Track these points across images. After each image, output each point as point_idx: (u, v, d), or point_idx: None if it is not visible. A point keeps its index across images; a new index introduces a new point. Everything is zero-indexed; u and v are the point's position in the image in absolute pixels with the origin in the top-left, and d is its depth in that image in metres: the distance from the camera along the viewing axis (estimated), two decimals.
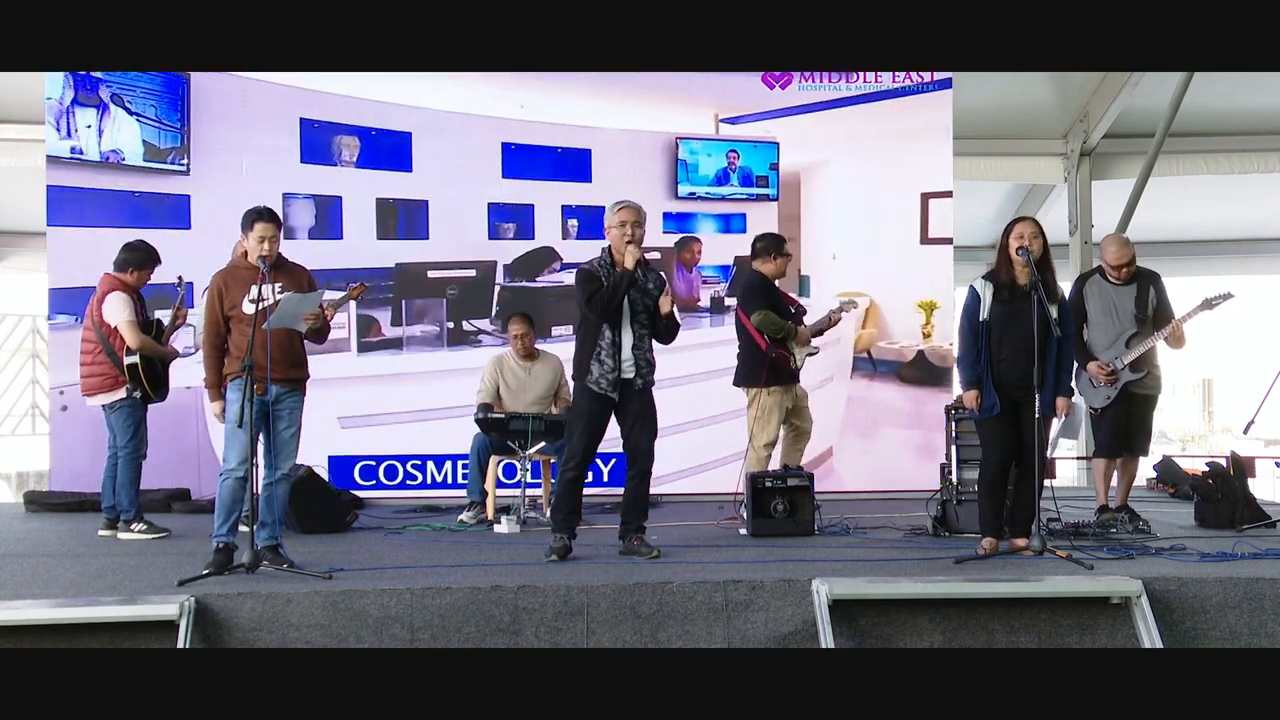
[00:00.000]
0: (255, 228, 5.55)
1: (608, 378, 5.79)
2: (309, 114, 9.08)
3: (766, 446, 7.01)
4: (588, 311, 5.85)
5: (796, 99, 9.40)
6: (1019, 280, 5.69)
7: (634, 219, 5.84)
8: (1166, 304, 6.74)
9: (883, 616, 4.90)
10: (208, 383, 5.70)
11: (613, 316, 5.79)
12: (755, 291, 7.10)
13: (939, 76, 9.37)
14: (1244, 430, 7.37)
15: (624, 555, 5.81)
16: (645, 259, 5.89)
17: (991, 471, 5.81)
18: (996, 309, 5.71)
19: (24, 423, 12.82)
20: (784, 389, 7.02)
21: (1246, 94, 9.98)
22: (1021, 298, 5.65)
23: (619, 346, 5.80)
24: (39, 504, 8.50)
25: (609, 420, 5.92)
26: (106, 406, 6.86)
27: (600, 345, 5.80)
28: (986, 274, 5.84)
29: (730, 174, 9.51)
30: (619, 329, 5.81)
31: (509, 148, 9.30)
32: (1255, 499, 7.00)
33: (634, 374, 5.84)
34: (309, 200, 9.07)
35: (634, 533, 5.88)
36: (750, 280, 7.24)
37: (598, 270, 5.87)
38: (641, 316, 5.87)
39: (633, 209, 5.89)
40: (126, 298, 6.80)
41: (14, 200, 10.82)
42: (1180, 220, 12.32)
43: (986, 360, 5.69)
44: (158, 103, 8.99)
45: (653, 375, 5.94)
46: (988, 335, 5.71)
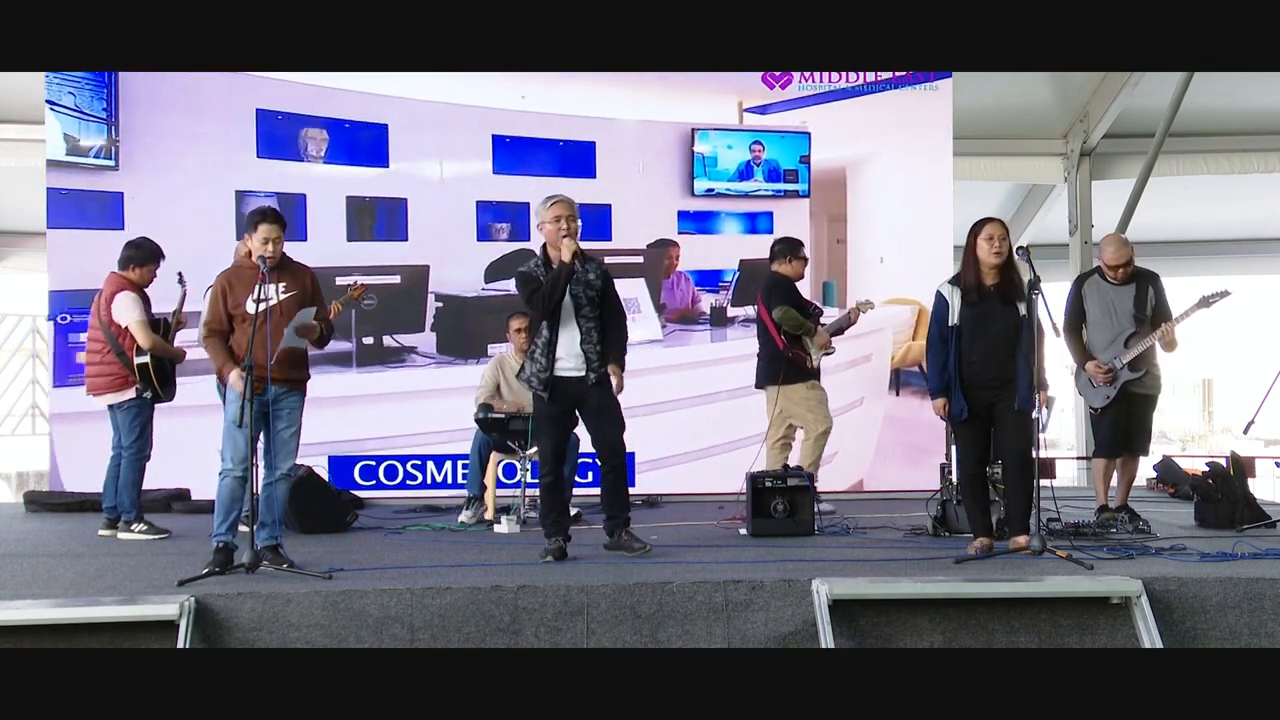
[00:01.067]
0: (259, 229, 5.56)
1: (539, 376, 5.77)
2: (267, 104, 8.53)
3: (822, 435, 7.36)
4: (531, 311, 5.89)
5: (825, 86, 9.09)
6: (986, 281, 5.70)
7: (568, 213, 5.82)
8: (1165, 304, 6.75)
9: (883, 616, 4.90)
10: (214, 366, 5.62)
11: (554, 313, 5.76)
12: (778, 289, 7.40)
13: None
14: (1244, 430, 7.37)
15: (612, 550, 5.80)
16: (582, 251, 5.86)
17: (968, 474, 5.84)
18: (965, 312, 5.71)
19: (24, 423, 12.83)
20: (813, 383, 7.40)
21: (1246, 94, 9.99)
22: (989, 299, 5.68)
23: (553, 344, 5.77)
24: (39, 504, 8.51)
25: (571, 418, 5.91)
26: (113, 406, 6.86)
27: (535, 343, 5.81)
28: (952, 278, 5.86)
29: (754, 168, 9.14)
30: (556, 327, 5.78)
31: (501, 141, 8.79)
32: (1255, 499, 7.00)
33: (585, 369, 5.78)
34: (270, 198, 8.50)
35: (621, 527, 5.87)
36: (771, 279, 7.49)
37: (535, 271, 5.84)
38: (586, 310, 5.81)
39: (566, 203, 5.87)
40: (136, 297, 6.80)
41: (14, 200, 10.83)
42: (1180, 220, 12.33)
43: (955, 365, 5.70)
44: (77, 91, 8.41)
45: (606, 364, 5.84)
46: (958, 339, 5.71)
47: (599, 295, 5.85)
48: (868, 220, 9.37)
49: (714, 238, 9.33)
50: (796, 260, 7.49)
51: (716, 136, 9.18)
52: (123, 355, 6.77)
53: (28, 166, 9.60)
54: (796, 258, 7.49)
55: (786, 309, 7.30)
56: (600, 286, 5.86)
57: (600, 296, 5.86)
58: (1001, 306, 5.66)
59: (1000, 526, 6.04)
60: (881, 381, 9.17)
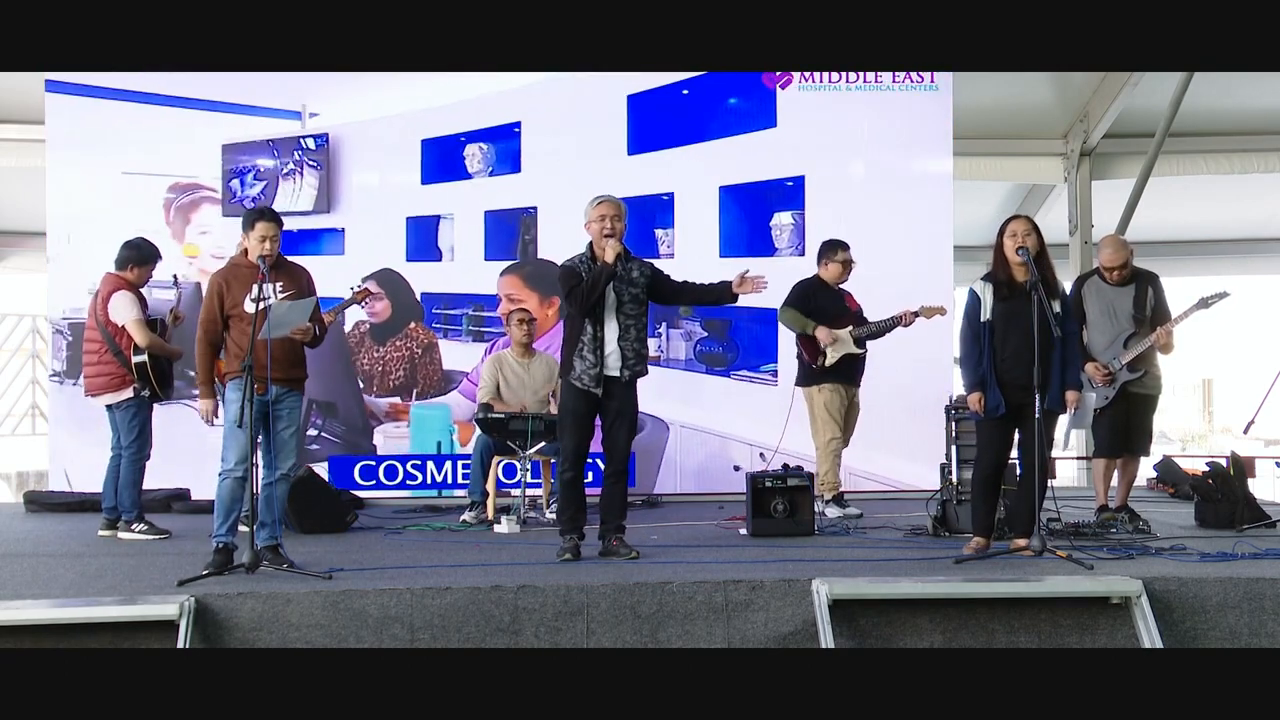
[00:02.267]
0: (256, 227, 5.56)
1: (590, 373, 5.76)
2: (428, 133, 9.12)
3: (831, 441, 7.34)
4: (568, 307, 5.87)
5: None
6: (1017, 278, 5.69)
7: (614, 213, 5.82)
8: (1164, 304, 6.75)
9: (883, 616, 4.90)
10: (198, 380, 5.69)
11: (595, 310, 5.77)
12: (793, 290, 7.50)
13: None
14: (1244, 430, 7.37)
15: (603, 556, 5.78)
16: (626, 251, 5.87)
17: (985, 473, 5.81)
18: (998, 308, 5.71)
19: (24, 423, 12.82)
20: (832, 387, 7.35)
21: (1246, 94, 9.98)
22: (1021, 295, 5.66)
23: (601, 341, 5.78)
24: (39, 504, 8.51)
25: (596, 415, 5.90)
26: (112, 406, 6.85)
27: (582, 340, 5.78)
28: (985, 275, 5.85)
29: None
30: (601, 323, 5.79)
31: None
32: (1255, 499, 7.00)
33: (620, 367, 5.80)
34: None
35: (613, 533, 5.85)
36: (798, 282, 7.58)
37: (578, 266, 5.85)
38: (628, 307, 5.83)
39: (612, 203, 5.87)
40: (132, 296, 6.80)
41: (14, 200, 10.81)
42: (1180, 220, 12.31)
43: (990, 361, 5.69)
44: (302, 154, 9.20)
45: (643, 366, 5.89)
46: (991, 335, 5.71)
47: (643, 293, 5.87)
48: (867, 221, 9.36)
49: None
50: (833, 263, 7.52)
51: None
52: (120, 355, 6.76)
53: (28, 166, 9.59)
54: (833, 260, 7.52)
55: (786, 309, 7.38)
56: (644, 284, 5.87)
57: (647, 292, 5.88)
58: (1031, 304, 5.61)
59: (1000, 526, 6.04)
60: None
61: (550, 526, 6.68)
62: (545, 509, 7.40)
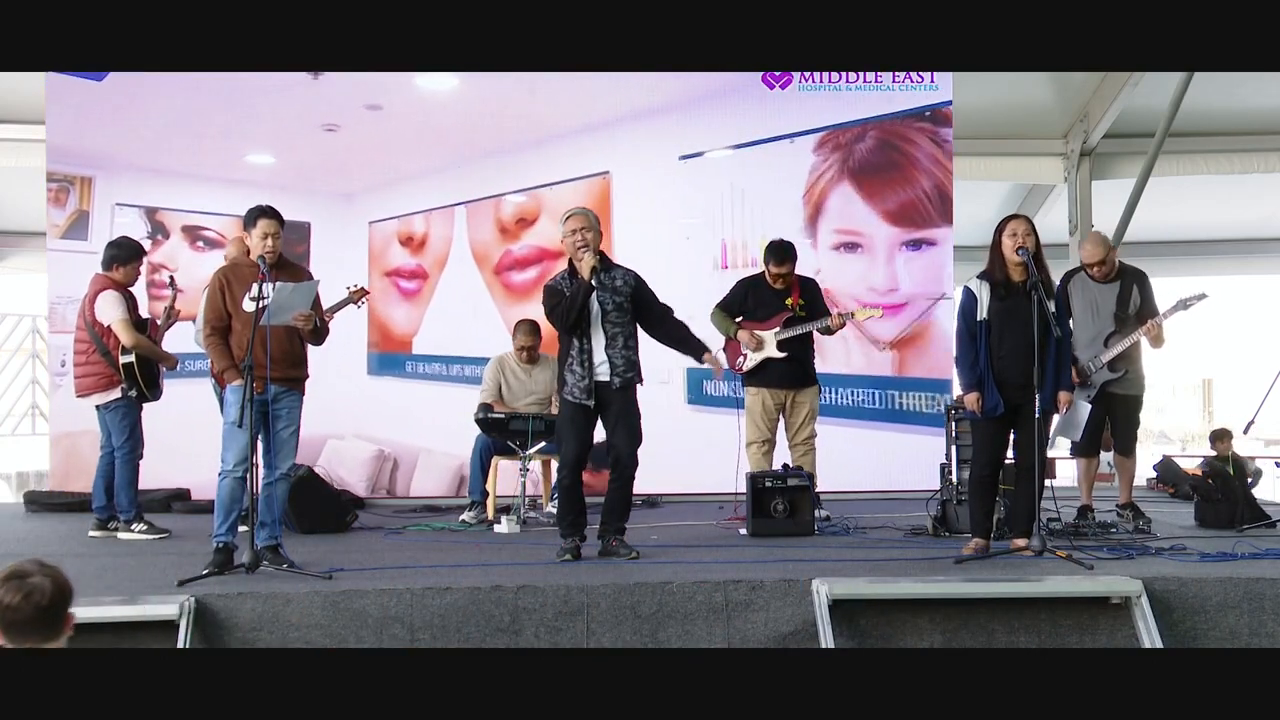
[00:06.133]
0: (259, 224, 5.53)
1: (580, 385, 5.76)
2: None
3: (750, 445, 7.19)
4: (552, 325, 5.91)
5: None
6: (1014, 277, 5.68)
7: (584, 225, 5.79)
8: (1151, 303, 6.72)
9: (883, 616, 4.90)
10: (218, 369, 5.55)
11: (579, 324, 5.76)
12: (731, 289, 7.39)
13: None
14: (1244, 430, 7.37)
15: (603, 556, 5.78)
16: (607, 258, 5.86)
17: (981, 474, 5.81)
18: (995, 306, 5.70)
19: (24, 423, 12.81)
20: (755, 391, 7.23)
21: (1246, 94, 9.98)
22: (1018, 294, 5.65)
23: (589, 352, 5.77)
24: (39, 504, 8.51)
25: (595, 424, 5.88)
26: (101, 406, 6.84)
27: (571, 355, 5.79)
28: (981, 274, 5.84)
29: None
30: (587, 335, 5.78)
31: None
32: (1255, 499, 7.00)
33: (609, 375, 5.78)
34: None
35: (613, 534, 5.86)
36: (740, 279, 7.49)
37: (560, 285, 5.86)
38: (612, 316, 5.81)
39: (582, 215, 5.86)
40: (119, 296, 6.77)
41: (14, 200, 10.82)
42: (1180, 220, 12.32)
43: (987, 360, 5.68)
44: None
45: (635, 374, 5.86)
46: (987, 334, 5.70)
47: (628, 301, 5.84)
48: (865, 221, 9.37)
49: None
50: (768, 270, 7.24)
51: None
52: (108, 355, 6.74)
53: (28, 166, 9.58)
54: (767, 268, 7.24)
55: (715, 310, 7.27)
56: (629, 293, 5.85)
57: (631, 302, 5.84)
58: (1029, 303, 5.62)
59: (1000, 527, 6.04)
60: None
61: (550, 526, 6.69)
62: (545, 509, 7.40)
